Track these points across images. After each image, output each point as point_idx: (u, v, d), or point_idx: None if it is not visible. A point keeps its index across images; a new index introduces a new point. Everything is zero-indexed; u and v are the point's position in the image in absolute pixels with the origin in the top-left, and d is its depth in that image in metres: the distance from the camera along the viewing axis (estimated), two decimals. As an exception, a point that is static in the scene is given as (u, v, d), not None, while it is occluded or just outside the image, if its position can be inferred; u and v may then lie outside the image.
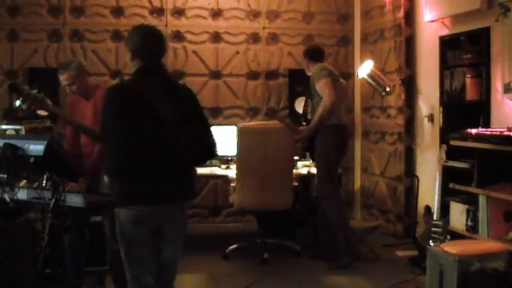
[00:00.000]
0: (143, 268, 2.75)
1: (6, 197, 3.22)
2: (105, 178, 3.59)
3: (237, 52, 6.53)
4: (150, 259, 2.76)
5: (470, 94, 4.72)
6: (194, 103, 2.85)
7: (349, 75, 6.73)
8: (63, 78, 3.82)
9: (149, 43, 2.73)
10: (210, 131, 2.88)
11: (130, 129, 2.61)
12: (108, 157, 2.71)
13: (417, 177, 5.57)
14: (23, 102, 3.73)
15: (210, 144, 2.87)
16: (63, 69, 3.83)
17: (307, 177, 5.44)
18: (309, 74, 5.05)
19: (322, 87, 4.81)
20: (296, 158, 5.46)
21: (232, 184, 5.06)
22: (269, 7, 6.58)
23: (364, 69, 5.38)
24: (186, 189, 2.82)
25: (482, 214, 4.23)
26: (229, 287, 4.48)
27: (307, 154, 5.60)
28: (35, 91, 3.74)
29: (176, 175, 2.72)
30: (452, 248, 3.64)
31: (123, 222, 2.71)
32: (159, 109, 2.64)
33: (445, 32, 5.15)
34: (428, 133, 5.47)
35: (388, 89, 5.30)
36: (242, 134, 4.95)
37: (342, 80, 5.18)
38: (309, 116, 5.12)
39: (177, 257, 2.92)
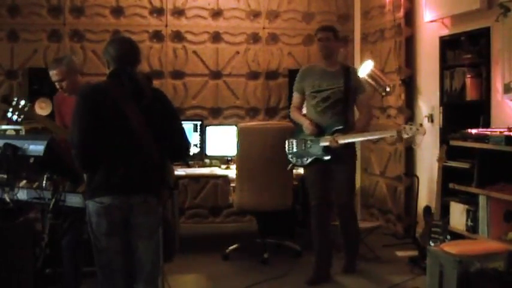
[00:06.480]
0: (108, 258, 2.91)
1: (6, 197, 3.22)
2: None
3: (237, 52, 6.53)
4: (115, 250, 2.89)
5: (470, 94, 4.72)
6: (165, 105, 3.03)
7: (349, 75, 6.73)
8: (53, 74, 3.80)
9: (119, 51, 2.96)
10: (182, 132, 3.06)
11: (94, 124, 2.82)
12: (73, 150, 2.86)
13: (417, 177, 5.57)
14: (12, 113, 3.75)
15: (181, 144, 3.07)
16: (55, 64, 3.81)
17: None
18: (326, 54, 4.48)
19: (368, 99, 4.63)
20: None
21: (232, 184, 5.06)
22: (269, 7, 6.58)
23: (364, 69, 5.38)
24: (149, 182, 2.93)
25: (482, 214, 4.23)
26: (229, 287, 4.48)
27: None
28: (23, 102, 3.75)
29: (137, 169, 2.88)
30: (452, 248, 3.65)
31: (90, 213, 2.89)
32: (123, 108, 2.84)
33: (445, 32, 5.15)
34: (428, 133, 5.45)
35: (388, 89, 5.30)
36: (242, 134, 4.96)
37: None
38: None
39: (152, 253, 2.99)
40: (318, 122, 4.44)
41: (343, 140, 4.28)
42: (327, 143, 4.33)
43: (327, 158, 4.35)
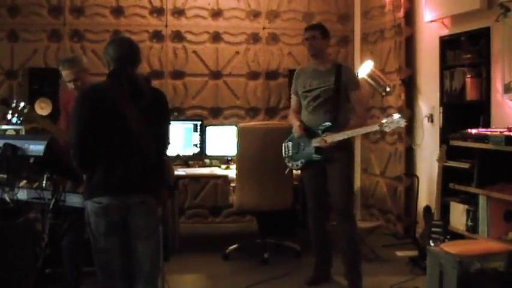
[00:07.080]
0: (107, 258, 2.92)
1: (6, 197, 3.22)
2: None
3: (237, 52, 6.54)
4: (113, 250, 2.91)
5: (470, 94, 4.72)
6: (162, 106, 3.05)
7: (349, 75, 6.74)
8: (67, 74, 3.81)
9: (119, 51, 2.97)
10: (166, 133, 3.09)
11: (92, 124, 2.83)
12: (71, 150, 2.88)
13: (417, 177, 5.57)
14: (12, 115, 3.76)
15: (165, 145, 3.10)
16: (68, 64, 3.82)
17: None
18: (314, 54, 4.36)
19: (362, 96, 4.49)
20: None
21: (232, 184, 5.06)
22: (269, 7, 6.58)
23: (364, 69, 5.37)
24: (147, 183, 2.93)
25: (482, 214, 4.23)
26: (229, 287, 4.48)
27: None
28: (22, 104, 3.76)
29: (136, 169, 2.88)
30: (452, 248, 3.65)
31: (88, 213, 2.90)
32: (122, 108, 2.85)
33: (445, 32, 5.15)
34: (428, 133, 5.47)
35: (388, 89, 5.29)
36: (242, 134, 4.96)
37: None
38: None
39: (151, 253, 3.00)
40: (310, 122, 4.35)
41: (331, 139, 4.20)
42: (317, 144, 4.29)
43: (318, 158, 4.28)
